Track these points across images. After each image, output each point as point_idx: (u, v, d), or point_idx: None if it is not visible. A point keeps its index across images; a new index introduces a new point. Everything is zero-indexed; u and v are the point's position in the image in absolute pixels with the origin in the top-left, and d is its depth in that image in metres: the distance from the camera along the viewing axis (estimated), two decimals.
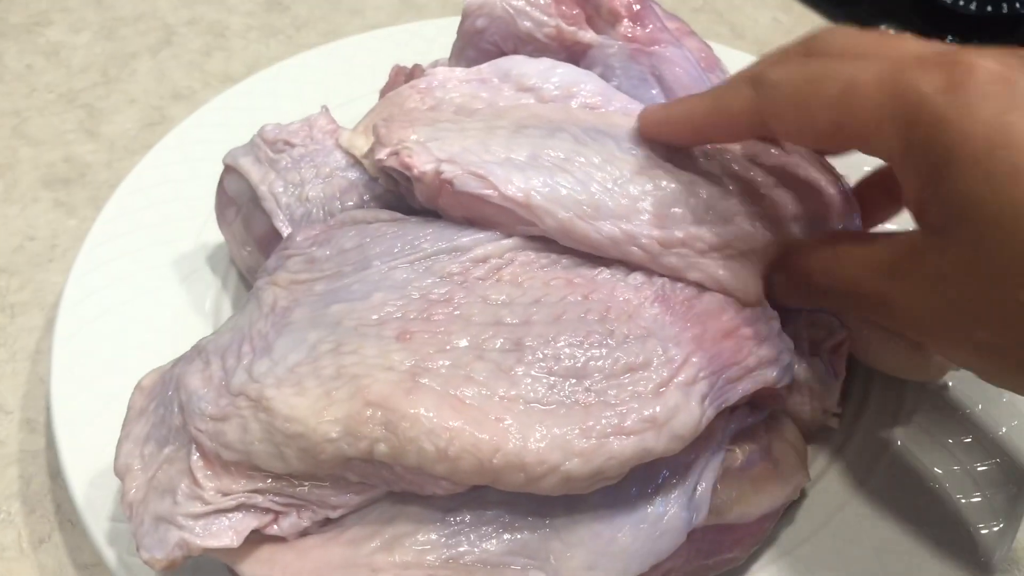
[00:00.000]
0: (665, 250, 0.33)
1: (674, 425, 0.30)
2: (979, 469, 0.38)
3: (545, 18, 0.42)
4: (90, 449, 0.38)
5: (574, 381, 0.31)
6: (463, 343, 0.31)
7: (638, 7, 0.42)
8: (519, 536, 0.30)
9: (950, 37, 0.64)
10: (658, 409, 0.30)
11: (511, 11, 0.42)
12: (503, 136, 0.35)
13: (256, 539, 0.31)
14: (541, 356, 0.31)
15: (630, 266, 0.34)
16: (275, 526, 0.31)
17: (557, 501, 0.30)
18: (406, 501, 0.31)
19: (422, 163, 0.34)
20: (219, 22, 0.63)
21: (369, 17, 0.64)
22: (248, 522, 0.31)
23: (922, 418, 0.39)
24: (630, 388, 0.31)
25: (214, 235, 0.45)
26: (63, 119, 0.56)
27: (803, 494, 0.37)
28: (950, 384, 0.40)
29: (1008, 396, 0.40)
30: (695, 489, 0.33)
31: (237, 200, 0.43)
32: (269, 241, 0.41)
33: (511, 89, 0.41)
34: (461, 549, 0.30)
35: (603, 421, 0.30)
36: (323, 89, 0.54)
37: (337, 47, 0.57)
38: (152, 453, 0.33)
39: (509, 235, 0.34)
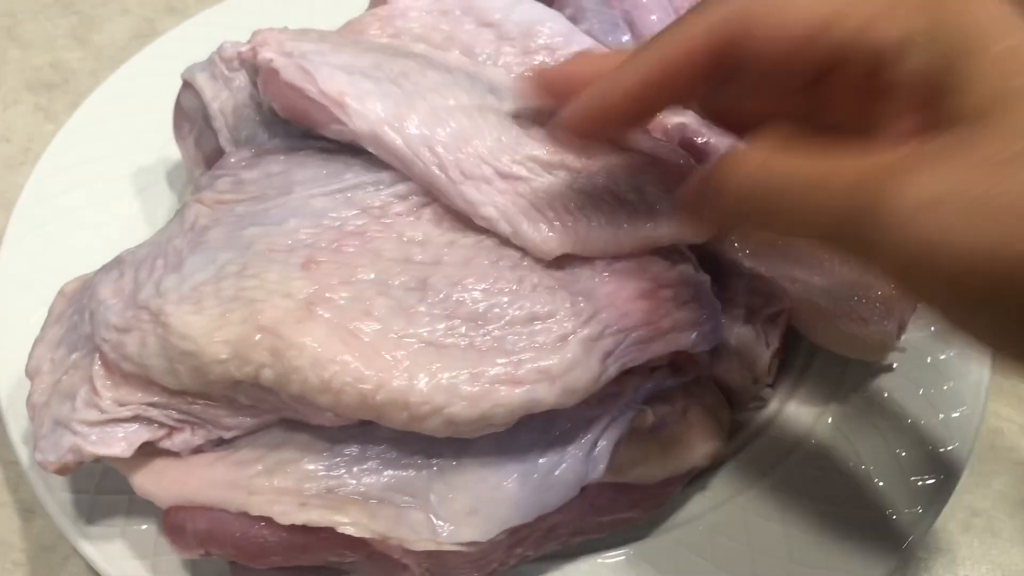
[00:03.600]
0: (467, 181, 0.32)
1: (568, 379, 0.30)
2: (907, 454, 0.37)
3: None
4: (22, 349, 0.38)
5: (474, 325, 0.30)
6: (368, 276, 0.31)
7: None
8: (403, 474, 0.30)
9: None
10: (554, 360, 0.30)
11: None
12: (359, 48, 0.35)
13: (150, 451, 0.32)
14: (443, 297, 0.31)
15: None
16: (168, 441, 0.31)
17: (445, 443, 0.30)
18: (296, 429, 0.31)
19: (266, 51, 0.34)
20: None
21: None
22: (141, 434, 0.31)
23: (859, 398, 0.38)
24: (529, 338, 0.30)
25: (175, 153, 0.45)
26: (56, 24, 0.56)
27: (719, 463, 0.36)
28: (894, 366, 0.39)
29: (952, 383, 0.38)
30: (595, 445, 0.32)
31: (191, 116, 0.43)
32: (216, 160, 0.41)
33: (472, 23, 0.40)
34: (341, 481, 0.30)
35: (495, 368, 0.29)
36: (310, 10, 0.53)
37: None
38: (61, 357, 0.33)
39: None
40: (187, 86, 0.42)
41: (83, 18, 0.57)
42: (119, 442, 0.31)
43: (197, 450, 0.32)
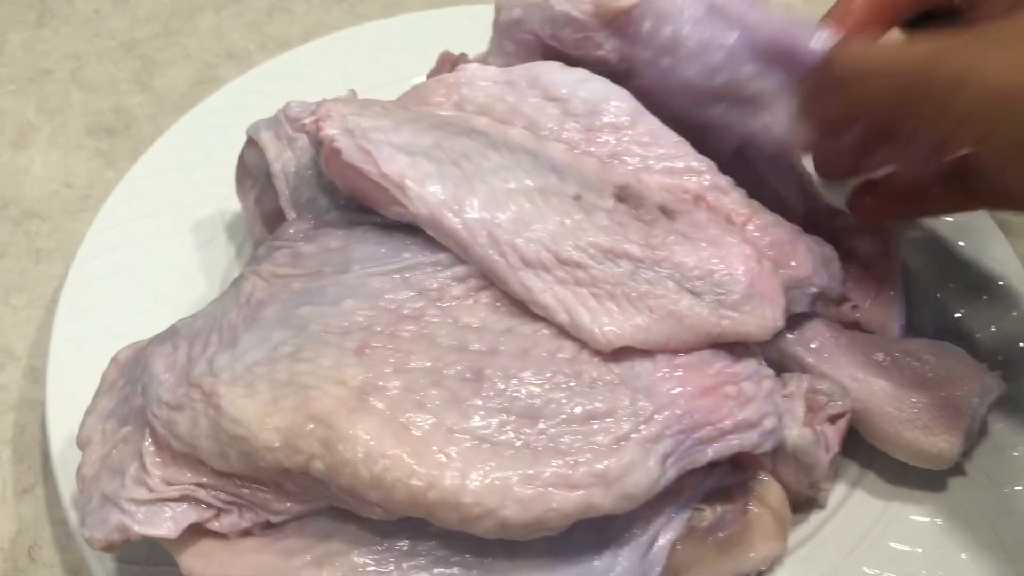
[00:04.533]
0: (526, 268, 0.32)
1: (626, 483, 0.29)
2: (975, 558, 0.35)
3: None
4: (77, 408, 0.38)
5: (529, 421, 0.29)
6: (423, 365, 0.30)
7: None
8: (451, 572, 0.30)
9: None
10: (610, 464, 0.29)
11: None
12: (421, 125, 0.35)
13: (198, 532, 0.31)
14: (500, 390, 0.30)
15: None
16: (216, 522, 0.31)
17: (498, 543, 0.29)
18: (346, 519, 0.30)
19: (328, 128, 0.33)
20: None
21: None
22: (189, 515, 0.31)
23: (917, 508, 0.37)
24: (586, 437, 0.29)
25: (235, 205, 0.45)
26: (119, 67, 0.57)
27: (778, 565, 0.35)
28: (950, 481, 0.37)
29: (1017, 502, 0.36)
30: (651, 545, 0.31)
31: (254, 173, 0.43)
32: (276, 220, 0.41)
33: (537, 96, 0.39)
34: None
35: (550, 469, 0.28)
36: (370, 66, 0.53)
37: (392, 23, 0.56)
38: (112, 430, 0.33)
39: None
40: (251, 142, 0.42)
41: (146, 62, 0.57)
42: (166, 522, 0.31)
43: (245, 533, 0.31)
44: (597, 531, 0.30)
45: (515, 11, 0.41)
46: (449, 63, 0.46)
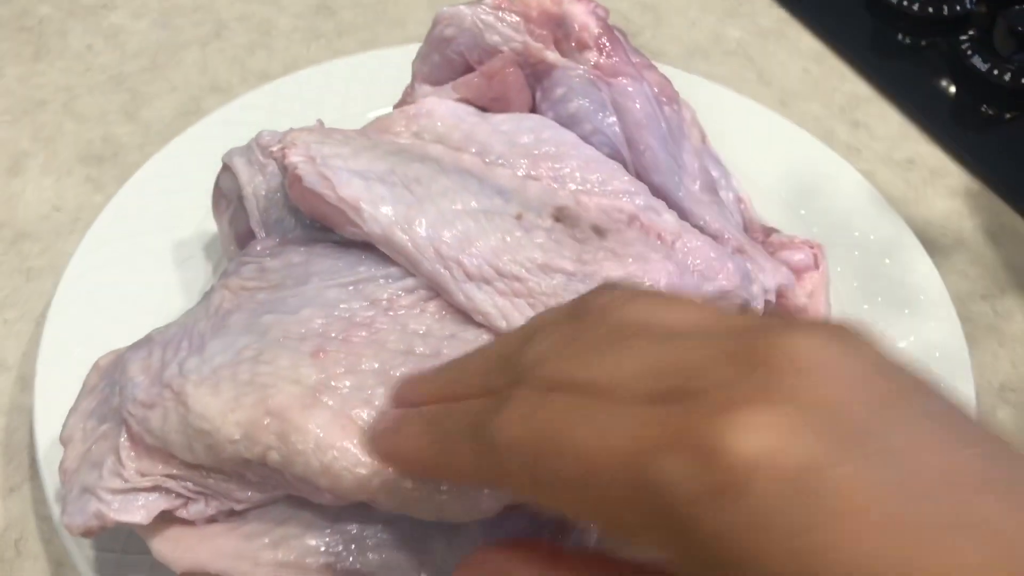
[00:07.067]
0: (469, 281, 0.35)
1: None
2: None
3: (513, 33, 0.44)
4: (62, 413, 0.42)
5: None
6: (372, 366, 0.34)
7: (606, 40, 0.43)
8: (396, 554, 0.33)
9: (899, 35, 0.67)
10: None
11: (480, 24, 0.44)
12: (378, 152, 0.38)
13: (168, 520, 0.34)
14: None
15: None
16: (184, 510, 0.34)
17: (437, 526, 0.32)
18: (301, 506, 0.34)
19: (292, 155, 0.37)
20: (268, 20, 0.66)
21: (410, 30, 0.66)
22: (159, 503, 0.34)
23: None
24: None
25: (213, 226, 0.49)
26: (109, 99, 0.61)
27: None
28: None
29: None
30: (580, 533, 0.34)
31: (228, 196, 0.46)
32: (247, 240, 0.44)
33: (488, 125, 0.43)
34: (339, 558, 0.32)
35: None
36: (343, 98, 0.57)
37: (365, 58, 0.60)
38: (92, 428, 0.36)
39: None
40: (226, 168, 0.46)
41: (134, 95, 0.61)
42: (139, 510, 0.34)
43: (211, 520, 0.34)
44: (530, 519, 0.34)
45: (448, 30, 0.45)
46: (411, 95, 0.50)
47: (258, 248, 0.39)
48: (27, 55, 0.63)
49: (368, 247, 0.37)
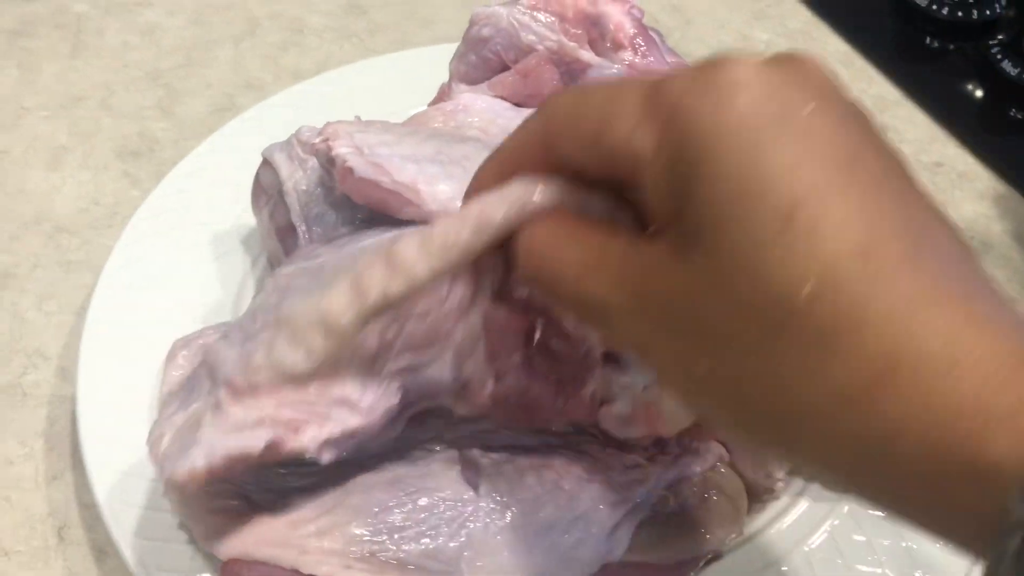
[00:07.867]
0: None
1: None
2: (919, 548, 0.38)
3: (548, 33, 0.44)
4: (104, 402, 0.43)
5: None
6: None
7: (641, 40, 0.44)
8: (437, 543, 0.33)
9: (927, 39, 0.68)
10: None
11: (516, 24, 0.45)
12: (420, 137, 0.39)
13: (213, 508, 0.35)
14: None
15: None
16: (294, 439, 0.31)
17: (478, 516, 0.33)
18: (349, 491, 0.34)
19: (338, 147, 0.38)
20: (299, 19, 0.67)
21: (439, 29, 0.67)
22: (268, 432, 0.31)
23: None
24: None
25: (250, 221, 0.49)
26: (145, 96, 0.62)
27: (735, 547, 0.38)
28: None
29: None
30: (616, 526, 0.35)
31: (268, 191, 0.47)
32: (287, 233, 0.45)
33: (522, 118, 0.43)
34: (383, 546, 0.33)
35: None
36: (377, 96, 0.58)
37: (399, 57, 0.61)
38: (180, 418, 0.35)
39: None
40: (266, 163, 0.46)
41: (169, 91, 0.62)
42: (247, 439, 0.31)
43: (257, 506, 0.35)
44: (567, 510, 0.34)
45: (485, 30, 0.46)
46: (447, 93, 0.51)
47: (305, 250, 0.40)
48: (64, 52, 0.64)
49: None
